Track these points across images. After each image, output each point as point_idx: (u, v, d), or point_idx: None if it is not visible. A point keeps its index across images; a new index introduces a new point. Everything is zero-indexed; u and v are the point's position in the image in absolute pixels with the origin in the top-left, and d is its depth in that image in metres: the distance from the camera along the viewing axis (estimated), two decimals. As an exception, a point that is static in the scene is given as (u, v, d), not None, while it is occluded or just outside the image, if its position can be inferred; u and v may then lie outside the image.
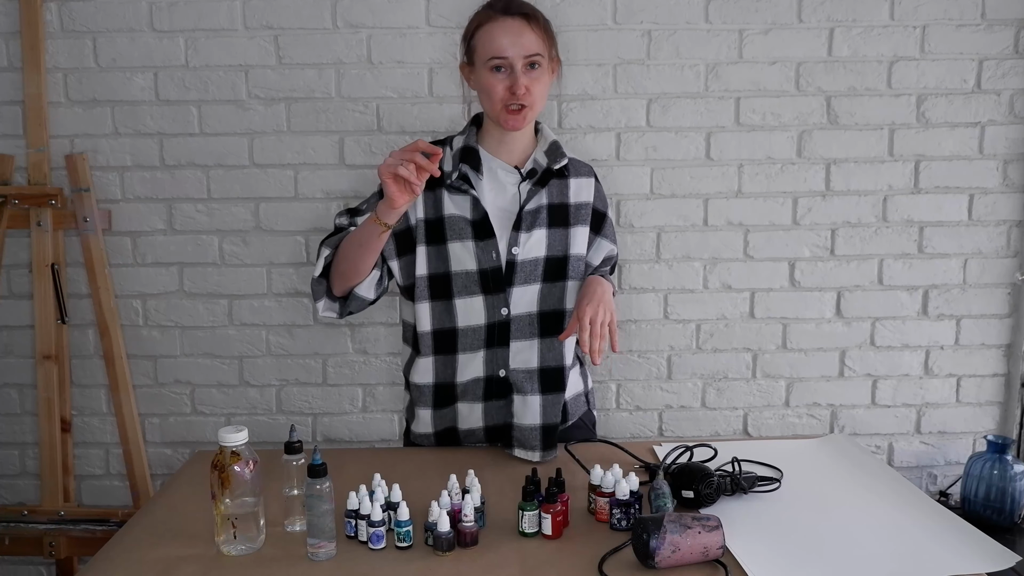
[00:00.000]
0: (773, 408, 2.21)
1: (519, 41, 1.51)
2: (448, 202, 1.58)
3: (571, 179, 1.64)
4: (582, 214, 1.65)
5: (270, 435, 2.16)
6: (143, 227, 2.09)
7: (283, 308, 2.13)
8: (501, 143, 1.61)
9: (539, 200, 1.60)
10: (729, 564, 1.19)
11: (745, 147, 2.09)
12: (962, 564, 1.20)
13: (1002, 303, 2.16)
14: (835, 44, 2.05)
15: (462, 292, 1.59)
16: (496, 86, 1.52)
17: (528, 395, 1.59)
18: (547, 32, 1.57)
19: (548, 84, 1.59)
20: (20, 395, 2.15)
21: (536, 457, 1.59)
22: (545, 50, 1.55)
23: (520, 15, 1.53)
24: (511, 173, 1.62)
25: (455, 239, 1.57)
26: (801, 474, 1.51)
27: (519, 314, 1.59)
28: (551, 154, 1.62)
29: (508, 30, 1.52)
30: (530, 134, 1.64)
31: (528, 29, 1.52)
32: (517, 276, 1.58)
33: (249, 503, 1.24)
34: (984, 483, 1.98)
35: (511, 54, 1.50)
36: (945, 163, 2.10)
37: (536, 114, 1.59)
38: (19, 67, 2.01)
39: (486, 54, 1.53)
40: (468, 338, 1.60)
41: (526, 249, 1.58)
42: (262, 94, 2.04)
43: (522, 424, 1.59)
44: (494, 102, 1.54)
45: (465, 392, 1.61)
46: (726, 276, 2.14)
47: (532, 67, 1.53)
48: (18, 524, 2.06)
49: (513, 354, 1.60)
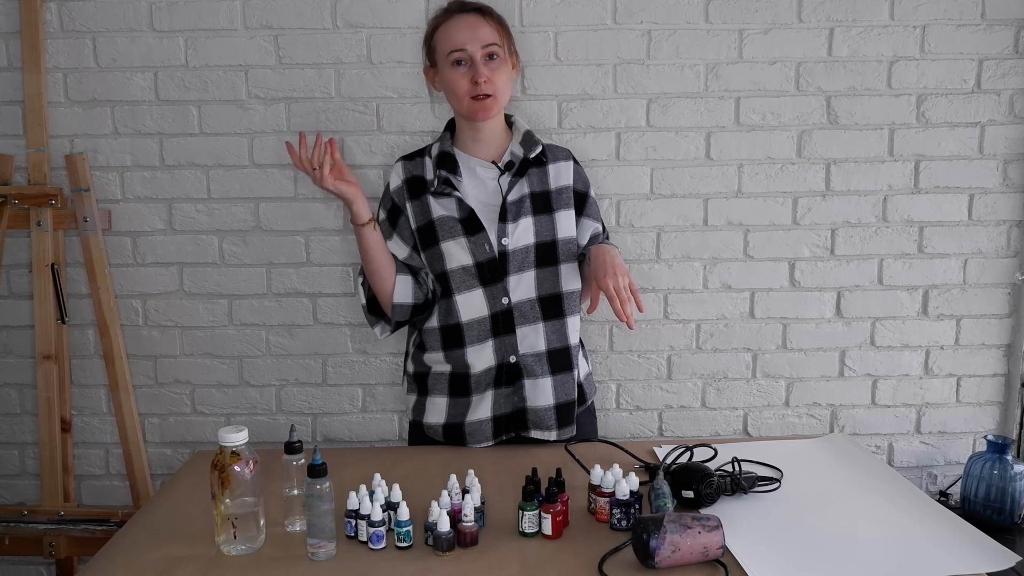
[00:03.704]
0: (773, 408, 2.21)
1: (476, 35, 1.59)
2: (435, 205, 1.65)
3: (549, 165, 1.70)
4: (564, 198, 1.70)
5: (270, 435, 2.16)
6: (143, 227, 2.09)
7: (283, 308, 2.13)
8: (476, 141, 1.68)
9: (520, 190, 1.66)
10: (729, 564, 1.20)
11: (745, 147, 2.09)
12: (962, 564, 1.20)
13: (1002, 303, 2.16)
14: (835, 44, 2.05)
15: (461, 287, 1.63)
16: (459, 80, 1.60)
17: (539, 378, 1.65)
18: (502, 26, 1.65)
19: (509, 77, 1.65)
20: (20, 395, 2.15)
21: (553, 436, 1.65)
22: (502, 42, 1.62)
23: (474, 11, 1.62)
24: (489, 168, 1.68)
25: (447, 238, 1.63)
26: (801, 474, 1.51)
27: (520, 301, 1.64)
28: (526, 144, 1.68)
29: (464, 24, 1.60)
30: (503, 128, 1.71)
31: (483, 22, 1.61)
32: (511, 265, 1.63)
33: (249, 503, 1.24)
34: (984, 483, 1.98)
35: (469, 46, 1.58)
36: (945, 163, 2.10)
37: (502, 105, 1.65)
38: (19, 67, 2.01)
39: (445, 49, 1.61)
40: (474, 330, 1.64)
41: (515, 238, 1.63)
42: (262, 94, 2.04)
43: (536, 406, 1.64)
44: (460, 96, 1.61)
45: (479, 383, 1.65)
46: (726, 276, 2.14)
47: (491, 58, 1.60)
48: (18, 524, 2.06)
49: (520, 339, 1.64)
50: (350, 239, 2.09)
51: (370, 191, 2.07)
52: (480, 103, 1.59)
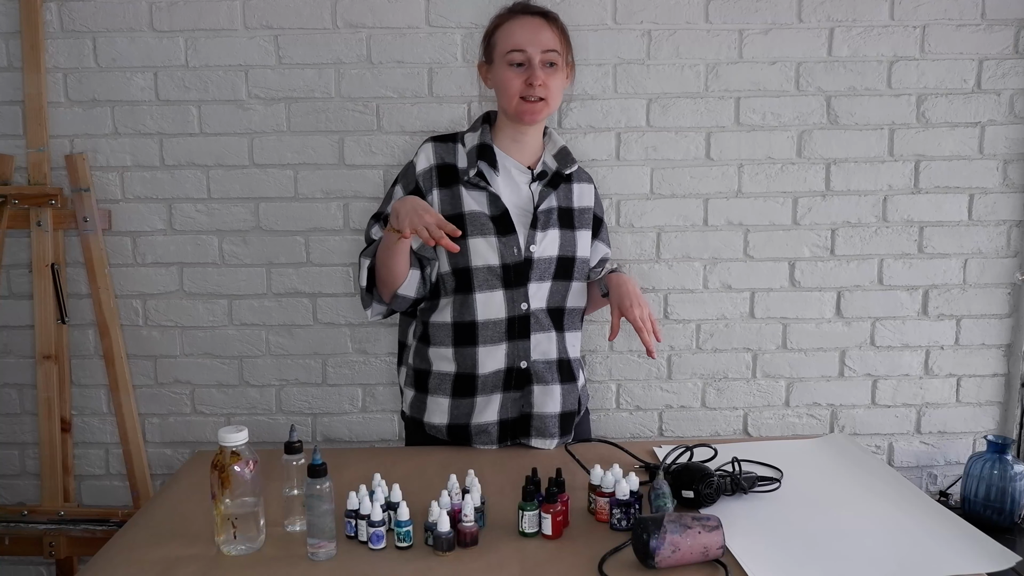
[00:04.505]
0: (773, 408, 2.21)
1: (537, 38, 1.58)
2: (467, 198, 1.62)
3: (575, 184, 1.72)
4: (585, 218, 1.72)
5: (270, 435, 2.16)
6: (143, 227, 2.09)
7: (283, 308, 2.13)
8: (514, 142, 1.67)
9: (550, 202, 1.67)
10: (729, 564, 1.20)
11: (745, 147, 2.09)
12: (962, 564, 1.20)
13: (1002, 303, 2.16)
14: (835, 44, 2.05)
15: (483, 286, 1.62)
16: (514, 80, 1.59)
17: (549, 384, 1.65)
18: (564, 35, 1.64)
19: (563, 84, 1.65)
20: (20, 395, 2.15)
21: (552, 445, 1.65)
22: (562, 50, 1.62)
23: (539, 14, 1.62)
24: (524, 172, 1.68)
25: (476, 234, 1.61)
26: (801, 474, 1.51)
27: (536, 308, 1.64)
28: (560, 158, 1.69)
29: (527, 26, 1.59)
30: (539, 136, 1.71)
31: (547, 27, 1.60)
32: (534, 272, 1.63)
33: (249, 503, 1.24)
34: (984, 483, 1.98)
35: (529, 48, 1.57)
36: (945, 163, 2.10)
37: (552, 111, 1.65)
38: (19, 67, 2.01)
39: (505, 48, 1.59)
40: (488, 331, 1.63)
41: (542, 247, 1.64)
42: (262, 94, 2.04)
43: (543, 412, 1.64)
44: (511, 95, 1.60)
45: (485, 384, 1.64)
46: (726, 276, 2.14)
47: (549, 65, 1.59)
48: (18, 524, 2.06)
49: (534, 346, 1.64)
50: (350, 239, 2.09)
51: (370, 191, 2.07)
52: (530, 105, 1.58)
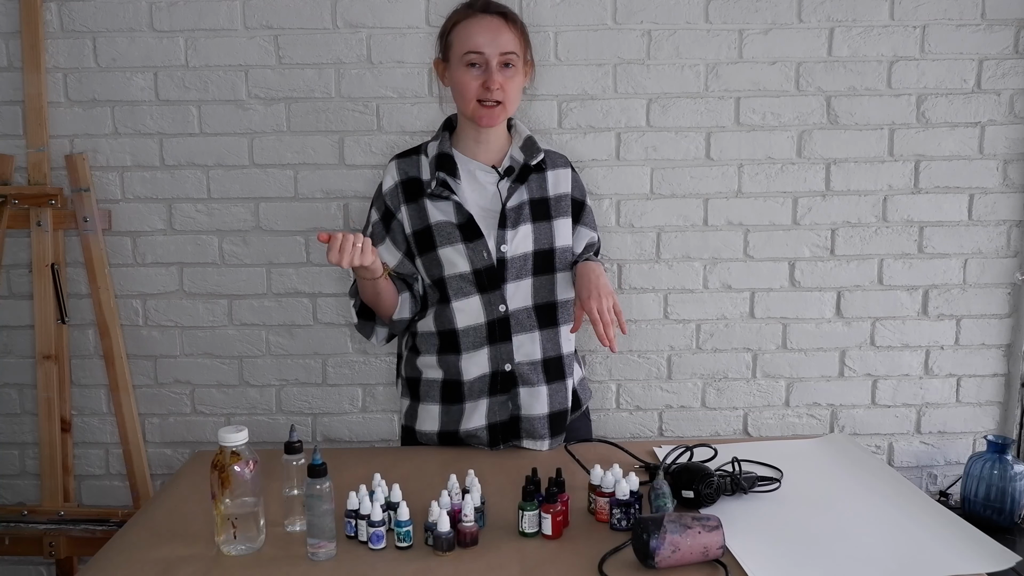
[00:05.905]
0: (773, 408, 2.21)
1: (496, 39, 1.54)
2: (432, 210, 1.61)
3: (548, 172, 1.67)
4: (563, 206, 1.68)
5: (270, 435, 2.16)
6: (143, 227, 2.09)
7: (283, 308, 2.13)
8: (477, 143, 1.64)
9: (520, 196, 1.63)
10: (729, 564, 1.20)
11: (745, 147, 2.09)
12: (962, 564, 1.20)
13: (1002, 303, 2.16)
14: (835, 44, 2.05)
15: (458, 294, 1.61)
16: (470, 82, 1.56)
17: (535, 386, 1.63)
18: (523, 34, 1.61)
19: (521, 85, 1.62)
20: (20, 395, 2.15)
21: (544, 446, 1.63)
22: (520, 51, 1.59)
23: (498, 14, 1.58)
24: (489, 173, 1.64)
25: (445, 244, 1.60)
26: (801, 474, 1.51)
27: (516, 309, 1.62)
28: (527, 149, 1.64)
29: (486, 27, 1.55)
30: (504, 132, 1.68)
31: (506, 28, 1.56)
32: (509, 272, 1.61)
33: (249, 503, 1.24)
34: (984, 483, 1.98)
35: (487, 51, 1.54)
36: (945, 163, 2.10)
37: (509, 114, 1.62)
38: (19, 67, 2.01)
39: (462, 49, 1.56)
40: (469, 337, 1.61)
41: (514, 245, 1.61)
42: (262, 94, 2.04)
43: (531, 415, 1.62)
44: (468, 99, 1.57)
45: (472, 390, 1.63)
46: (726, 276, 2.14)
47: (507, 66, 1.56)
48: (18, 524, 2.06)
49: (516, 348, 1.62)
50: (350, 239, 2.09)
51: (370, 191, 2.07)
52: (488, 109, 1.55)
